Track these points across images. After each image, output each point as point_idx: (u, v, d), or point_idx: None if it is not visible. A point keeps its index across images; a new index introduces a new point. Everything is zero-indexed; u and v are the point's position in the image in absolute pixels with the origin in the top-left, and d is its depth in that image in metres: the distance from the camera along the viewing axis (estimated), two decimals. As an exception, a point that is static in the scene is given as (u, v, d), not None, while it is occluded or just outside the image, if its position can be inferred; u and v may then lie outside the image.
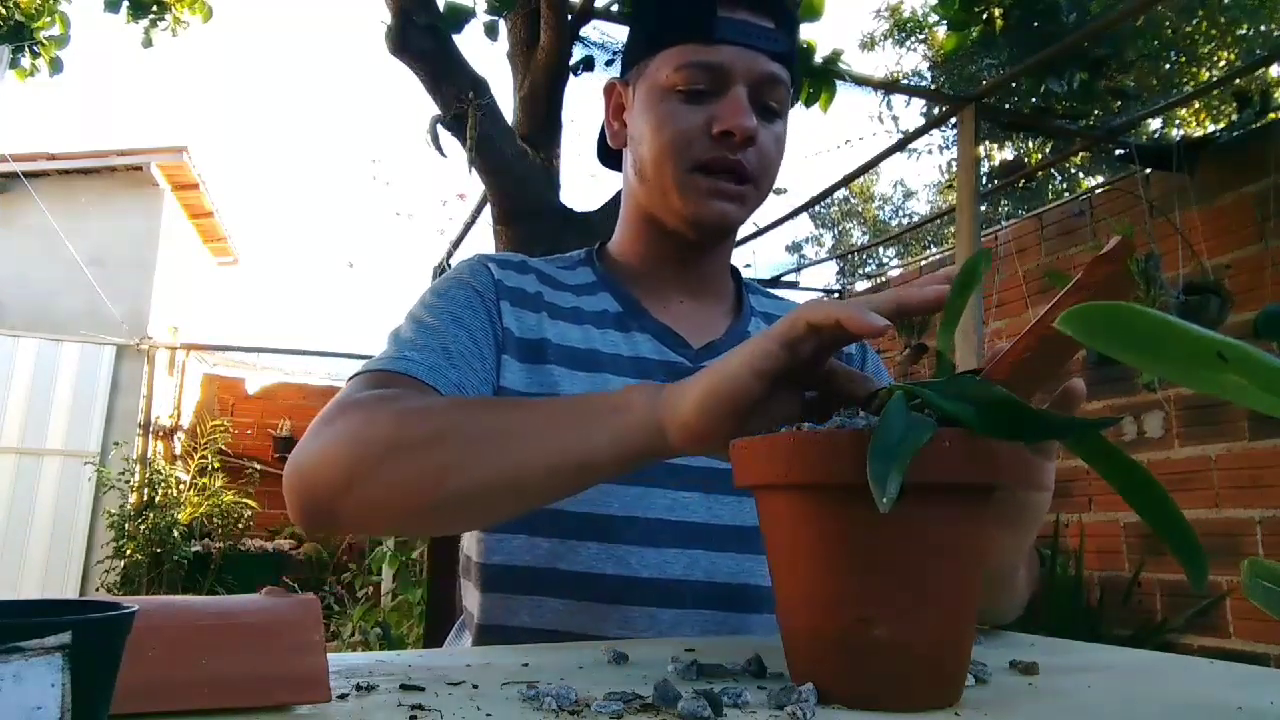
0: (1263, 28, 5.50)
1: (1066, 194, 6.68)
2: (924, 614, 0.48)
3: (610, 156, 1.04)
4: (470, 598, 0.94)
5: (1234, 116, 3.42)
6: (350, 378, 0.81)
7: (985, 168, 4.78)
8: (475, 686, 0.53)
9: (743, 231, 5.11)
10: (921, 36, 7.86)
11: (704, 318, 0.97)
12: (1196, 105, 5.79)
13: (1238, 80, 3.65)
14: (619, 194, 1.05)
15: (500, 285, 0.91)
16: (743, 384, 0.57)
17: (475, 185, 3.94)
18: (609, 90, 0.99)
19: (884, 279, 5.84)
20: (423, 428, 0.67)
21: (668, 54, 0.88)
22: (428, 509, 0.67)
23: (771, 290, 1.11)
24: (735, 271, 1.06)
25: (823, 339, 0.56)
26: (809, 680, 0.49)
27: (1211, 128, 5.35)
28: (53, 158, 6.88)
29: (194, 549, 5.95)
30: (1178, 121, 6.51)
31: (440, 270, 5.12)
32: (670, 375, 0.90)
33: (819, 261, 16.30)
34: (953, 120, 3.52)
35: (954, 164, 5.17)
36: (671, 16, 0.90)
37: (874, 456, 0.43)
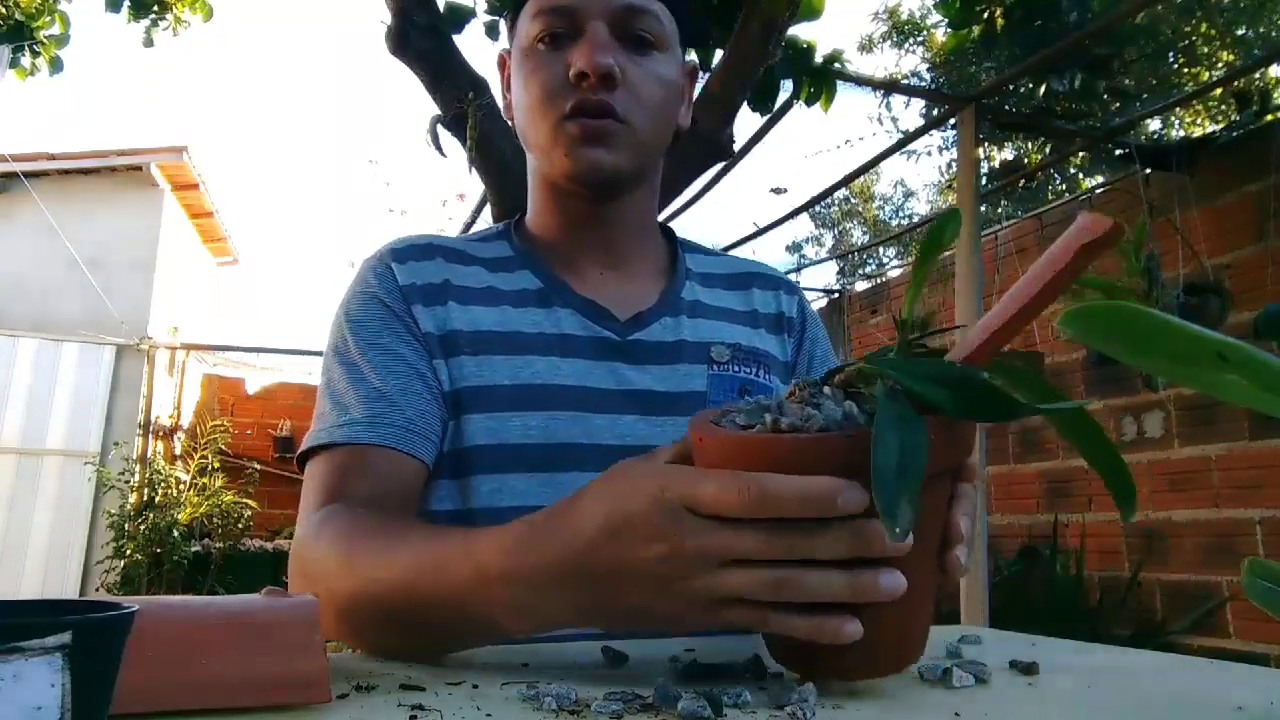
0: (1262, 29, 5.50)
1: (1066, 194, 6.68)
2: None
3: None
4: None
5: (1234, 116, 3.42)
6: (305, 455, 0.81)
7: (985, 168, 4.78)
8: (475, 686, 0.53)
9: (742, 231, 5.09)
10: (920, 39, 7.86)
11: (630, 287, 0.90)
12: (1196, 105, 5.79)
13: (1237, 81, 3.65)
14: None
15: (407, 289, 0.85)
16: None
17: (475, 185, 3.94)
18: (500, 64, 0.94)
19: (884, 279, 5.84)
20: (347, 591, 0.66)
21: (527, 7, 0.84)
22: (372, 654, 0.69)
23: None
24: (670, 232, 0.99)
25: None
26: (784, 657, 0.52)
27: (1211, 128, 5.35)
28: (53, 158, 6.88)
29: (194, 549, 5.95)
30: (1177, 121, 6.51)
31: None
32: (598, 351, 0.85)
33: (819, 261, 16.31)
34: (952, 121, 3.52)
35: (954, 165, 5.17)
36: None
37: (879, 485, 0.42)
